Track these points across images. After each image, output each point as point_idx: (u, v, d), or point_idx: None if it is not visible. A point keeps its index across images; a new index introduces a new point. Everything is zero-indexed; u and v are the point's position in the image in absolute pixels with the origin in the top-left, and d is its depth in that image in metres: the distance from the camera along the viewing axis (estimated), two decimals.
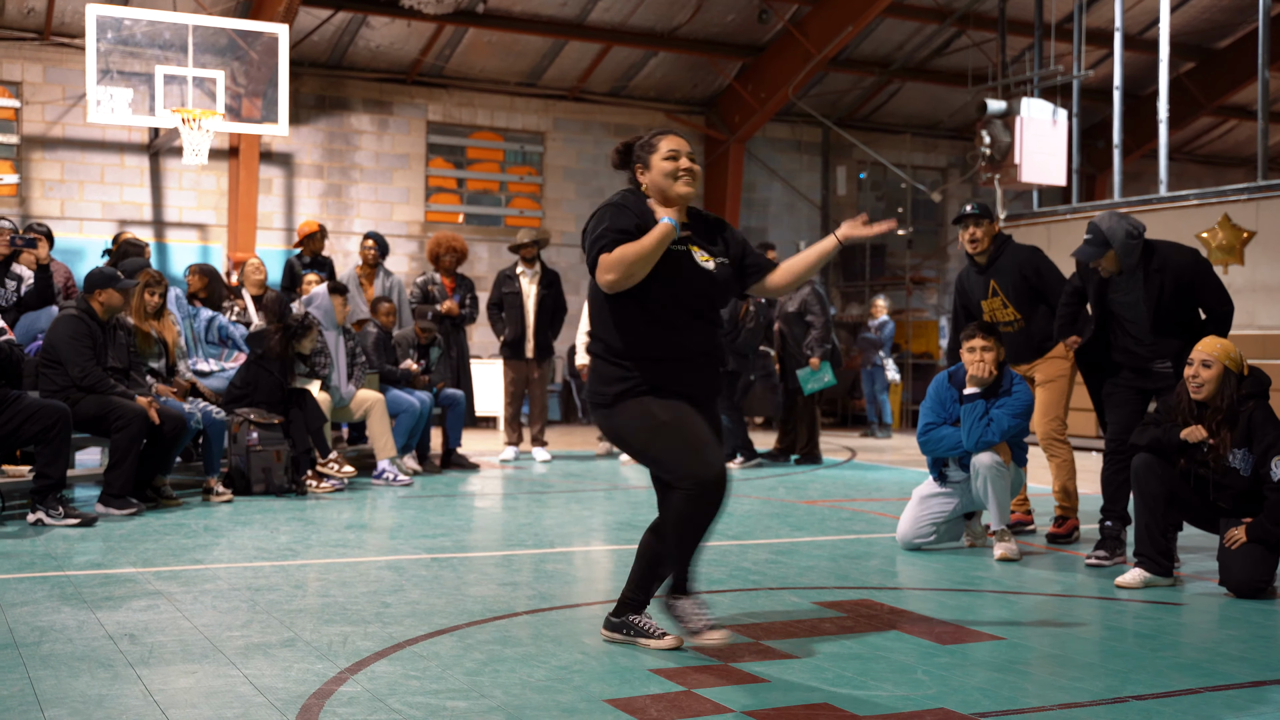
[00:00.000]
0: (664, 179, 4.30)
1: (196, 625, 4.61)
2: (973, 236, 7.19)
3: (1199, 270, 6.11)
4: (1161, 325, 6.09)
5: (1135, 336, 6.19)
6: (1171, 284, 6.04)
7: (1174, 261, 6.09)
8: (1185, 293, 6.07)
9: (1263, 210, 12.80)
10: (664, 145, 4.32)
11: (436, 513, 7.91)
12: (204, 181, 16.28)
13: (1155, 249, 6.14)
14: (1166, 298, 6.05)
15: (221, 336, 9.41)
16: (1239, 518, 5.55)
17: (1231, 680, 4.09)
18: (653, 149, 4.34)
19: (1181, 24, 18.50)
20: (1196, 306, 6.14)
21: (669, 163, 4.30)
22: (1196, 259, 6.13)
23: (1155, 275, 6.06)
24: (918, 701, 3.77)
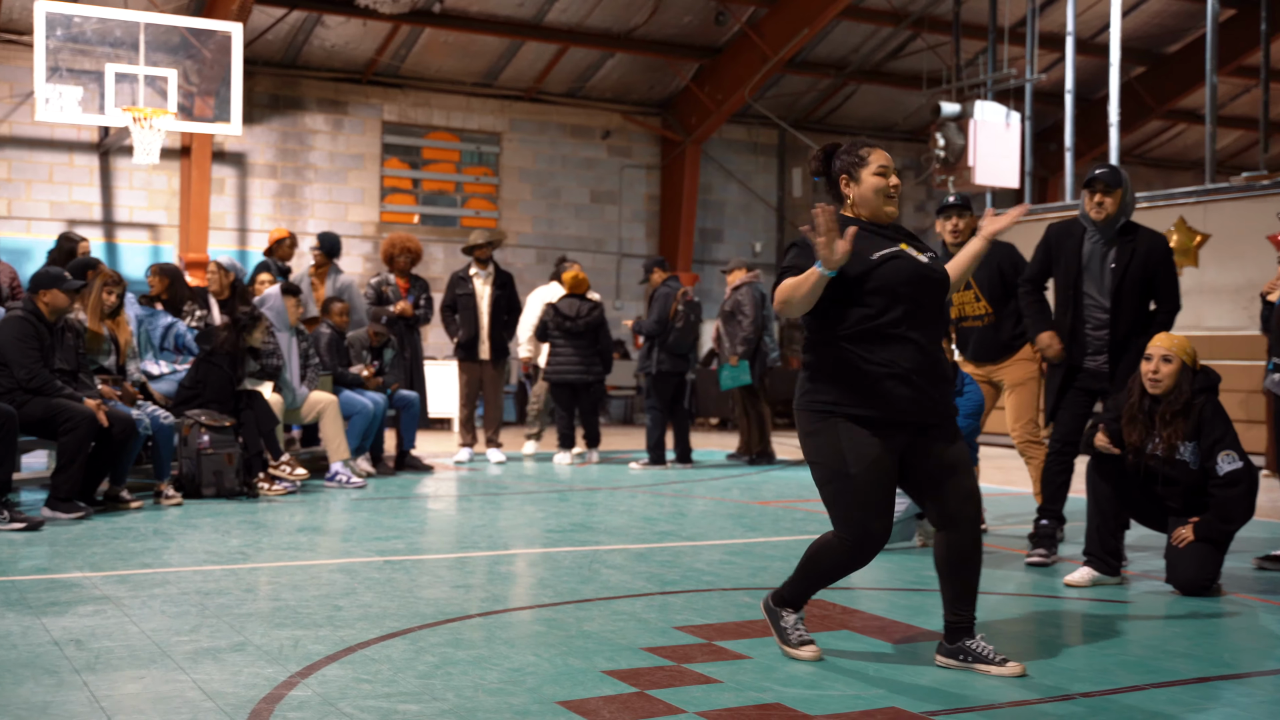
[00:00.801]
0: (875, 195, 4.22)
1: (144, 630, 4.56)
2: (955, 227, 7.24)
3: (1167, 256, 6.20)
4: (1121, 298, 6.12)
5: (1093, 319, 6.21)
6: (1142, 258, 6.12)
7: (1148, 238, 6.20)
8: (1150, 272, 6.14)
9: (1210, 213, 12.97)
10: (875, 160, 4.23)
11: (390, 515, 7.87)
12: (155, 181, 16.14)
13: (1135, 225, 6.25)
14: (1134, 269, 6.11)
15: (178, 345, 9.26)
16: (1186, 517, 5.63)
17: (1177, 677, 4.13)
18: (864, 163, 4.23)
19: (1132, 29, 18.71)
20: (1152, 294, 6.20)
21: (880, 179, 4.22)
22: (1165, 244, 6.24)
23: (1129, 244, 6.15)
24: (868, 700, 3.79)
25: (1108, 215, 6.14)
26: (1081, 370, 6.28)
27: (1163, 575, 5.75)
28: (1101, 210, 6.14)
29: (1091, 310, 6.22)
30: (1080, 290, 6.24)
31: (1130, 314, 6.15)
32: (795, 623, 4.34)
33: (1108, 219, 6.15)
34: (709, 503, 8.86)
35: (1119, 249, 6.14)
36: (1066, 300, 6.28)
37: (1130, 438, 5.63)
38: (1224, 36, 16.15)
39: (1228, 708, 3.81)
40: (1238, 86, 20.82)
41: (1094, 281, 6.21)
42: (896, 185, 4.24)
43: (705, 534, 7.29)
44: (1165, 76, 20.24)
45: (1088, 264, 6.22)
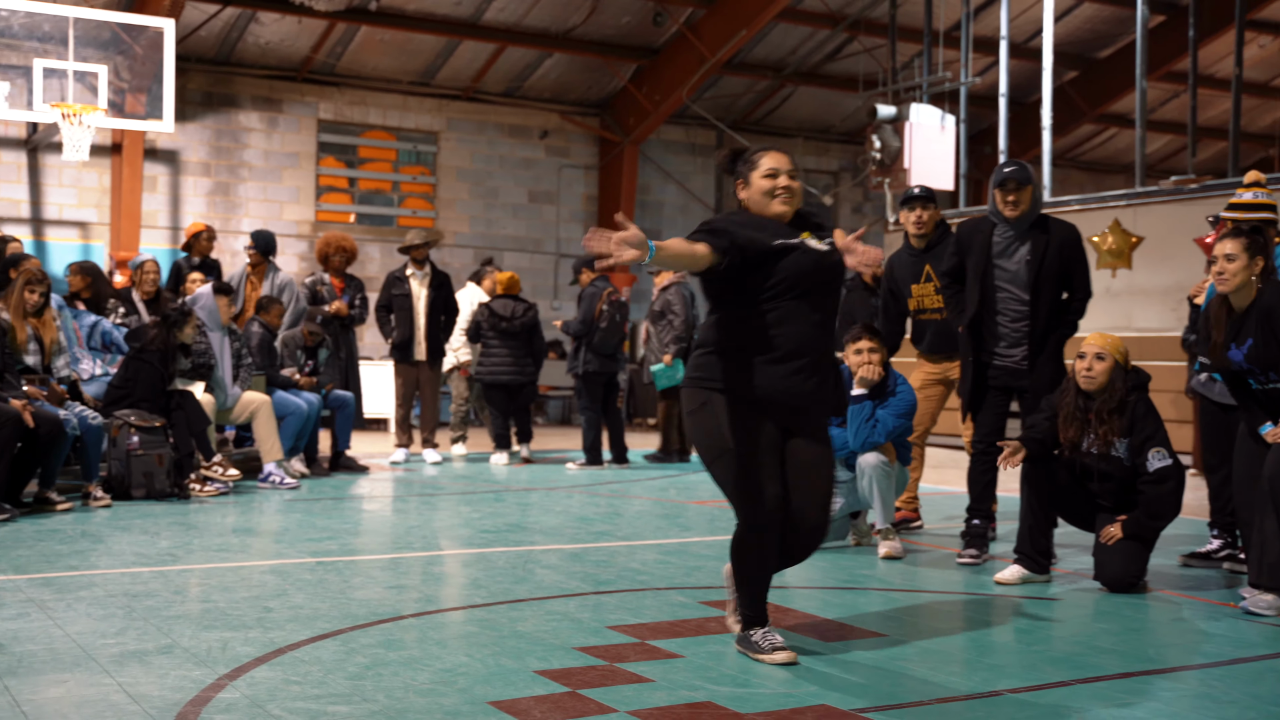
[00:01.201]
0: (762, 196, 4.36)
1: (69, 633, 4.49)
2: (919, 218, 7.30)
3: (1078, 245, 6.28)
4: (1039, 290, 6.19)
5: (1009, 312, 6.27)
6: (1056, 249, 6.19)
7: (1060, 230, 6.28)
8: (1064, 263, 6.22)
9: (1140, 216, 13.17)
10: (764, 163, 4.37)
11: (323, 516, 7.80)
12: (85, 178, 15.90)
13: (1046, 218, 6.33)
14: (1049, 261, 6.18)
15: (105, 342, 9.13)
16: (1117, 514, 5.71)
17: (1103, 672, 4.19)
18: (754, 166, 4.38)
19: (1064, 34, 18.95)
20: (1067, 284, 6.27)
21: (768, 180, 4.35)
22: (1077, 235, 6.32)
23: (1042, 236, 6.23)
24: (799, 698, 3.81)
25: (1021, 213, 6.23)
26: (993, 367, 6.33)
27: (1091, 572, 5.82)
28: (1016, 208, 6.22)
29: (1007, 304, 6.27)
30: (992, 284, 6.30)
31: (1048, 305, 6.23)
32: (763, 635, 4.32)
33: (1021, 216, 6.24)
34: (645, 503, 8.86)
35: (1033, 242, 6.22)
36: (977, 295, 6.34)
37: (1066, 434, 5.70)
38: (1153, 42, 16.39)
39: (1153, 702, 3.87)
40: (1167, 92, 21.15)
41: (1007, 275, 6.27)
42: (786, 186, 4.34)
43: (640, 534, 7.29)
44: (1097, 81, 20.52)
45: (999, 259, 6.29)
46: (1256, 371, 5.27)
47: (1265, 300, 5.21)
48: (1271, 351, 5.18)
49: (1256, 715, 3.73)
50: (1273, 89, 21.41)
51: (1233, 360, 5.31)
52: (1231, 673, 4.23)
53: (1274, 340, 5.16)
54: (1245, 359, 5.26)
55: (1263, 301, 5.21)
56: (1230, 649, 4.58)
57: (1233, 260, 5.23)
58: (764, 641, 4.29)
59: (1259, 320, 5.20)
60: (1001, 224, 6.29)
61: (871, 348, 6.53)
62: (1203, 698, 3.92)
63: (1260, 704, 3.84)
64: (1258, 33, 19.37)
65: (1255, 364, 5.24)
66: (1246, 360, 5.26)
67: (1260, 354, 5.20)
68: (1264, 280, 5.27)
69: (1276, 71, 21.21)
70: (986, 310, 6.29)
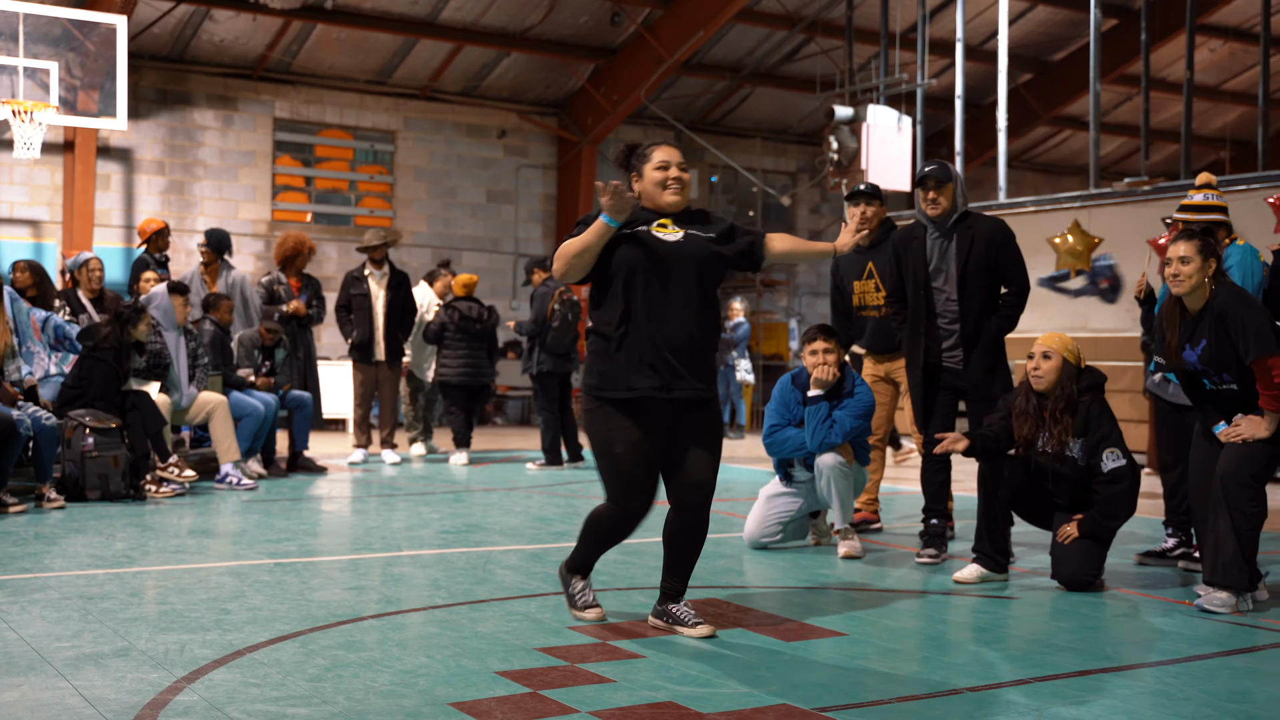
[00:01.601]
0: (654, 187, 4.63)
1: (23, 636, 4.43)
2: (864, 214, 7.32)
3: (1006, 238, 6.34)
4: (966, 284, 6.25)
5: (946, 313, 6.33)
6: (983, 243, 6.26)
7: (985, 224, 6.35)
8: (992, 256, 6.28)
9: (1094, 217, 13.29)
10: (656, 155, 4.64)
11: (281, 517, 7.75)
12: (37, 176, 15.72)
13: (969, 213, 6.40)
14: (975, 255, 6.25)
15: (58, 336, 9.02)
16: (1072, 512, 5.76)
17: (1060, 670, 4.23)
18: (646, 159, 4.65)
19: (1019, 37, 19.11)
20: (1000, 278, 6.33)
21: (659, 172, 4.62)
22: (1005, 228, 6.38)
23: (966, 233, 6.30)
24: (760, 698, 3.82)
25: (943, 210, 6.29)
26: (942, 369, 6.39)
27: (1048, 571, 5.87)
28: (936, 206, 6.29)
29: (945, 305, 6.34)
30: (930, 288, 6.36)
31: (978, 301, 6.27)
32: (582, 589, 4.81)
33: (943, 214, 6.30)
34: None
35: (958, 239, 6.28)
36: (919, 300, 6.39)
37: (1020, 433, 5.74)
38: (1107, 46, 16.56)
39: (1110, 700, 3.90)
40: (1120, 94, 21.38)
41: (942, 276, 6.33)
42: (677, 178, 4.61)
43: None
44: (1051, 83, 20.71)
45: (934, 261, 6.35)
46: (1210, 373, 5.33)
47: (1218, 302, 5.26)
48: (1225, 353, 5.24)
49: (1211, 712, 3.77)
50: (1223, 92, 21.69)
51: (1187, 361, 5.37)
52: (1187, 670, 4.28)
53: (1227, 342, 5.22)
54: (1199, 360, 5.31)
55: (1216, 303, 5.27)
56: (1185, 646, 4.63)
57: (1187, 263, 5.28)
58: (579, 597, 4.80)
59: (1213, 322, 5.26)
60: (930, 225, 6.35)
61: (827, 348, 6.56)
62: (1159, 695, 3.96)
63: (1215, 700, 3.89)
64: (1208, 37, 19.62)
65: (1209, 365, 5.30)
66: (1201, 362, 5.31)
67: (1214, 355, 5.26)
68: (1216, 282, 5.33)
69: (1226, 75, 21.48)
70: (929, 315, 6.36)
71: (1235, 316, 5.19)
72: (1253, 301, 5.31)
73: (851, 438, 6.53)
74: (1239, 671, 4.29)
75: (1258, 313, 5.23)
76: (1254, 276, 6.15)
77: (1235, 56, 20.82)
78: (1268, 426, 5.19)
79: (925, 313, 6.36)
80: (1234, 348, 5.21)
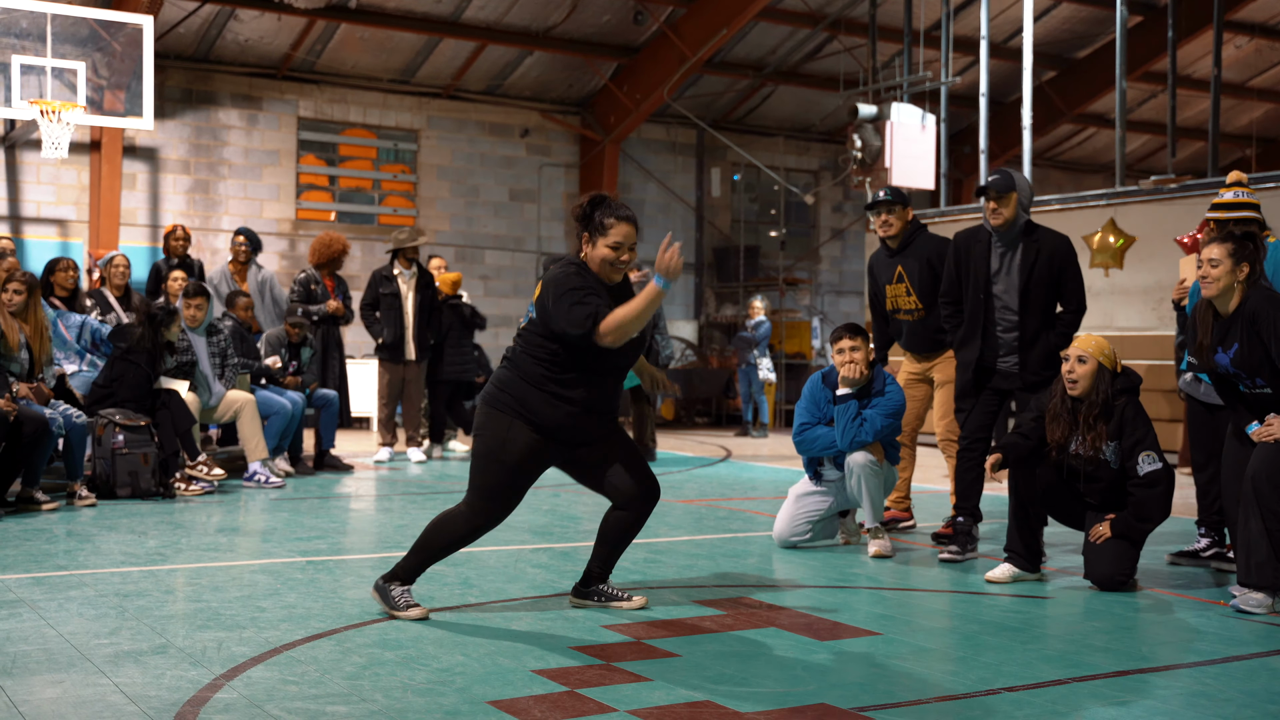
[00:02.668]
0: (602, 264, 4.80)
1: (62, 633, 4.46)
2: (885, 222, 7.32)
3: (1070, 256, 6.36)
4: (1028, 299, 6.26)
5: (1003, 321, 6.33)
6: (1046, 258, 6.27)
7: (1050, 239, 6.36)
8: (1055, 273, 6.28)
9: (1120, 216, 13.23)
10: (614, 234, 4.78)
11: (310, 515, 7.78)
12: (64, 176, 15.80)
13: (1036, 226, 6.40)
14: (1039, 270, 6.25)
15: (95, 340, 9.04)
16: (1104, 512, 5.74)
17: (1097, 671, 4.21)
18: (603, 231, 4.78)
19: (1043, 34, 19.03)
20: (1058, 296, 6.33)
21: (611, 252, 4.79)
22: (1068, 246, 6.40)
23: (1032, 245, 6.31)
24: (798, 697, 3.82)
25: (1005, 220, 6.29)
26: (995, 372, 6.40)
27: (1080, 571, 5.85)
28: (998, 216, 6.29)
29: (1002, 313, 6.34)
30: (990, 295, 6.36)
31: (1038, 315, 6.28)
32: (401, 592, 4.85)
33: (1006, 223, 6.29)
34: None
35: (1023, 251, 6.28)
36: (978, 305, 6.39)
37: (1054, 435, 5.72)
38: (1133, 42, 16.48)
39: (1149, 700, 3.89)
40: (1146, 91, 21.27)
41: (1003, 285, 6.33)
42: (626, 260, 4.81)
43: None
44: (1076, 81, 20.61)
45: (996, 269, 6.35)
46: (1243, 376, 5.30)
47: (1250, 306, 5.22)
48: (1257, 356, 5.21)
49: (1252, 713, 3.75)
50: (1249, 89, 21.55)
51: (1219, 364, 5.34)
52: (1225, 670, 4.26)
53: (1259, 345, 5.19)
54: (1232, 363, 5.28)
55: (1248, 307, 5.23)
56: (1223, 647, 4.61)
57: (1216, 265, 5.26)
58: (401, 599, 4.83)
59: (1244, 325, 5.22)
60: (994, 233, 6.34)
61: (853, 346, 6.53)
62: (1198, 695, 3.94)
63: (1255, 701, 3.87)
64: (1235, 33, 19.49)
65: (1241, 368, 5.27)
66: (1233, 365, 5.28)
67: (1246, 359, 5.23)
68: (1249, 286, 5.29)
69: (1253, 72, 21.34)
70: (987, 320, 6.35)
71: (1267, 319, 5.16)
72: None
73: (882, 436, 6.51)
74: (1277, 672, 4.27)
75: None
76: None
77: (1261, 53, 20.69)
78: None
79: (984, 318, 6.36)
80: (1266, 351, 5.18)
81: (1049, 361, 6.27)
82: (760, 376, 16.00)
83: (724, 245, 20.39)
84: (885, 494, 6.67)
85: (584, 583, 5.13)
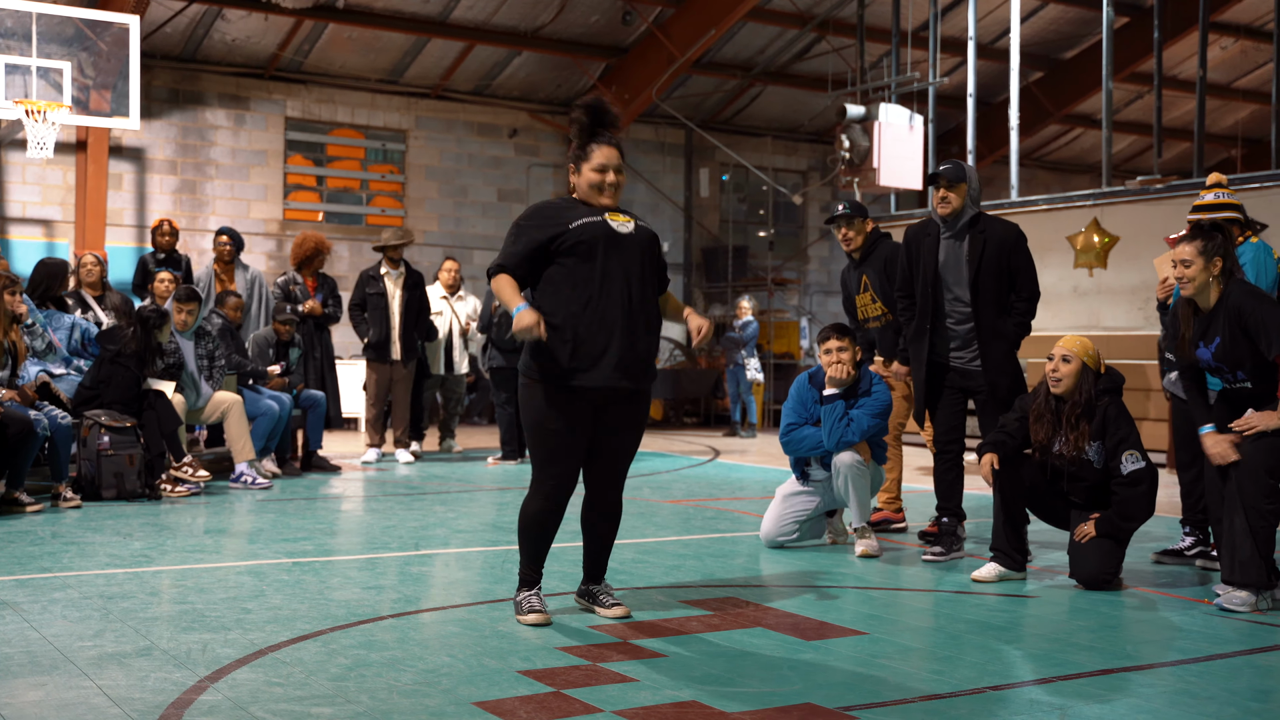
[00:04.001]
0: (589, 187, 4.75)
1: (45, 635, 4.45)
2: (845, 236, 7.38)
3: (1020, 243, 6.36)
4: (979, 289, 6.25)
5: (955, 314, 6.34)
6: (995, 247, 6.27)
7: (998, 228, 6.37)
8: (1004, 260, 6.28)
9: (1106, 216, 13.27)
10: (596, 157, 4.73)
11: (297, 516, 7.76)
12: (50, 176, 15.75)
13: (983, 216, 6.40)
14: (988, 259, 6.25)
15: (85, 340, 9.00)
16: (1088, 511, 5.75)
17: (1082, 669, 4.22)
18: (586, 157, 4.74)
19: (1031, 35, 19.07)
20: (1011, 283, 6.32)
21: (596, 175, 4.73)
22: (1018, 233, 6.40)
23: (979, 235, 6.31)
24: (784, 697, 3.82)
25: (953, 210, 6.31)
26: (949, 369, 6.40)
27: (1065, 570, 5.87)
28: (947, 205, 6.31)
29: (954, 305, 6.35)
30: (940, 287, 6.38)
31: (991, 305, 6.28)
32: (525, 597, 4.78)
33: (954, 213, 6.31)
34: None
35: (970, 241, 6.29)
36: (926, 298, 6.41)
37: (1037, 436, 5.74)
38: (1119, 43, 16.51)
39: (1133, 698, 3.90)
40: (1132, 92, 21.32)
41: (953, 276, 6.34)
42: (613, 182, 4.75)
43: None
44: (1063, 81, 20.66)
45: (945, 261, 6.36)
46: (1224, 370, 5.32)
47: (1233, 299, 5.26)
48: (1239, 350, 5.24)
49: (1236, 711, 3.76)
50: (1235, 90, 21.61)
51: (1201, 358, 5.37)
52: (1209, 669, 4.27)
53: (1242, 339, 5.23)
54: (1214, 357, 5.31)
55: (1230, 301, 5.26)
56: (1206, 645, 4.63)
57: (1189, 265, 5.31)
58: (523, 604, 4.74)
59: (1227, 319, 5.25)
60: (941, 224, 6.37)
61: (841, 347, 6.55)
62: (1181, 694, 3.95)
63: (1239, 699, 3.88)
64: (1220, 34, 19.55)
65: (1224, 362, 5.29)
66: (1215, 358, 5.31)
67: (1228, 352, 5.26)
68: (1226, 279, 5.32)
69: (1239, 73, 21.41)
70: (936, 313, 6.37)
71: (1254, 314, 5.19)
72: (1268, 298, 5.33)
73: (869, 436, 6.52)
74: (1262, 670, 4.28)
75: (1275, 308, 5.24)
76: (1268, 274, 6.14)
77: (1247, 54, 20.76)
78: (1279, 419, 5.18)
79: (931, 311, 6.38)
80: (1249, 345, 5.21)
81: (1011, 359, 6.29)
82: (748, 377, 16.00)
83: (712, 245, 20.40)
84: (873, 494, 6.68)
85: (581, 581, 5.09)
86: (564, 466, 4.72)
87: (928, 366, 6.44)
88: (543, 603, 4.80)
